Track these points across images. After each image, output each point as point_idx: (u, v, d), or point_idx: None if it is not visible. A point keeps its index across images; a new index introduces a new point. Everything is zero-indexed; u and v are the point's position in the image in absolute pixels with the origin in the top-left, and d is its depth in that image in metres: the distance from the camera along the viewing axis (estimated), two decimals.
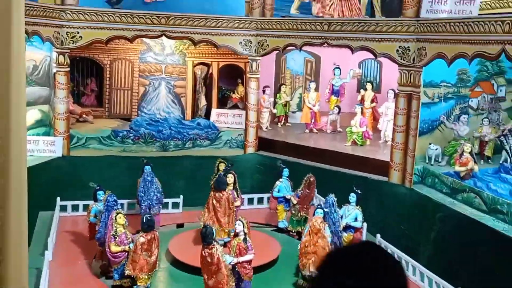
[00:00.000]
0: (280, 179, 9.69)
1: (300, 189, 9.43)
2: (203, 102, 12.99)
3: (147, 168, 9.36)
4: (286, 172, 9.75)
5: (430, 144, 9.83)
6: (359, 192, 8.53)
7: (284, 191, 9.63)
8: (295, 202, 9.44)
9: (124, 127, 11.80)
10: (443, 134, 10.01)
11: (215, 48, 11.92)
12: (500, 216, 7.99)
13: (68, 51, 10.82)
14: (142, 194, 9.30)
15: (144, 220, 7.37)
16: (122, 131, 11.53)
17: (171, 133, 11.73)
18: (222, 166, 9.51)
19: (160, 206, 9.60)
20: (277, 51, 12.04)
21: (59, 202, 9.81)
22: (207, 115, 12.67)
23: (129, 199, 9.90)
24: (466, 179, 8.94)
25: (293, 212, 9.52)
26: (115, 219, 7.50)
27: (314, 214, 7.83)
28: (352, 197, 8.51)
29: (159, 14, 10.95)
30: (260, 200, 10.81)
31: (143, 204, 9.32)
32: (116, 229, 7.48)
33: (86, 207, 9.16)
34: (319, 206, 7.92)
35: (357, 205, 8.50)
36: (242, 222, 7.17)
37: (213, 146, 11.88)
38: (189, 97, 12.98)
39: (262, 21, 11.46)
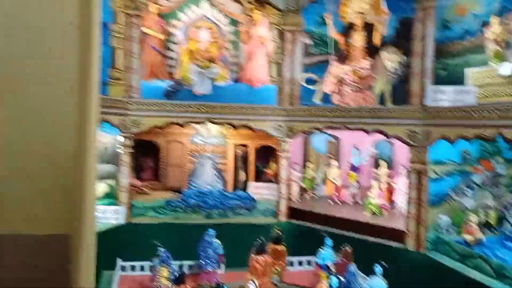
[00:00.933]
0: (324, 248, 9.39)
1: (338, 258, 9.12)
2: (242, 177, 13.05)
3: (210, 231, 9.36)
4: (329, 241, 9.47)
5: (440, 214, 9.52)
6: (384, 264, 8.15)
7: (326, 259, 9.29)
8: (333, 269, 9.10)
9: (176, 198, 11.89)
10: (451, 206, 9.70)
11: (252, 132, 12.11)
12: (507, 281, 7.51)
13: (132, 135, 11.16)
14: (202, 253, 9.24)
15: (176, 275, 7.27)
16: (174, 202, 11.62)
17: (215, 203, 11.76)
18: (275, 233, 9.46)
19: (218, 265, 9.42)
20: (304, 134, 12.18)
21: (119, 262, 9.73)
22: (245, 188, 12.70)
23: (178, 261, 9.74)
24: (474, 246, 8.53)
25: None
26: (159, 271, 7.42)
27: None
28: (377, 269, 8.09)
29: (206, 104, 11.31)
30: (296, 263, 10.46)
31: (201, 261, 9.22)
32: (159, 281, 7.37)
33: (142, 268, 9.06)
34: (333, 274, 7.64)
35: (382, 276, 8.08)
36: (254, 282, 7.01)
37: (250, 215, 11.81)
38: (230, 173, 13.08)
39: (291, 110, 11.67)
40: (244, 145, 13.29)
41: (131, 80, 11.15)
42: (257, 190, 12.39)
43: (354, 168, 12.84)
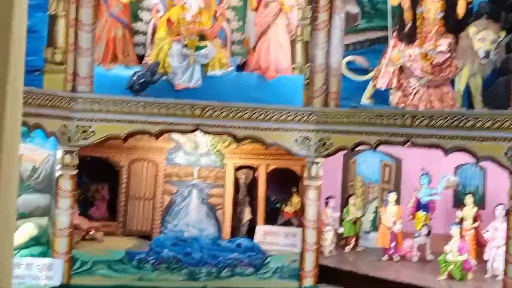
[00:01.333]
0: None
1: None
2: (247, 216, 13.01)
3: None
4: None
5: None
6: None
7: None
8: None
9: (142, 248, 11.83)
10: None
11: (263, 147, 12.05)
12: None
13: (77, 149, 11.15)
14: None
15: None
16: (139, 253, 11.55)
17: (203, 256, 11.67)
18: None
19: None
20: (344, 152, 12.09)
21: None
22: (251, 233, 12.64)
23: None
24: None
25: None
26: None
27: None
28: None
29: (193, 103, 11.29)
30: None
31: None
32: None
33: None
34: None
35: None
36: None
37: (258, 276, 11.69)
38: (228, 210, 13.04)
39: (325, 113, 11.62)
40: (250, 168, 13.28)
41: (79, 65, 11.15)
42: (269, 237, 12.29)
43: (422, 206, 12.76)
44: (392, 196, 12.94)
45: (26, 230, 11.38)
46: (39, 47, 11.10)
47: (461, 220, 12.22)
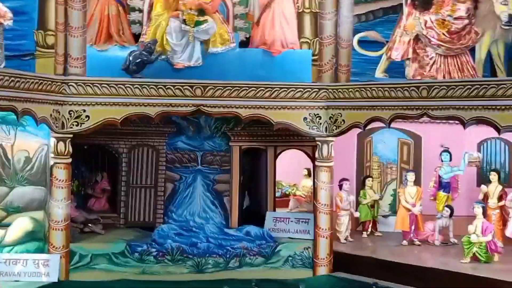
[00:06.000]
0: None
1: None
2: (246, 202, 13.01)
3: None
4: None
5: None
6: None
7: None
8: None
9: (145, 239, 11.79)
10: None
11: (270, 128, 11.96)
12: None
13: (71, 136, 11.09)
14: None
15: None
16: (141, 245, 11.52)
17: (210, 246, 11.64)
18: None
19: None
20: (359, 131, 11.97)
21: None
22: (260, 221, 12.55)
23: None
24: None
25: None
26: None
27: None
28: None
29: (193, 83, 11.19)
30: None
31: None
32: None
33: None
34: None
35: None
36: None
37: (268, 265, 11.63)
38: (235, 196, 13.00)
39: (335, 88, 11.49)
40: (257, 150, 13.21)
41: (70, 45, 11.09)
42: (280, 224, 12.28)
43: (444, 186, 12.73)
44: (411, 176, 12.82)
45: (21, 225, 11.39)
46: (29, 30, 11.08)
47: (486, 199, 12.12)
